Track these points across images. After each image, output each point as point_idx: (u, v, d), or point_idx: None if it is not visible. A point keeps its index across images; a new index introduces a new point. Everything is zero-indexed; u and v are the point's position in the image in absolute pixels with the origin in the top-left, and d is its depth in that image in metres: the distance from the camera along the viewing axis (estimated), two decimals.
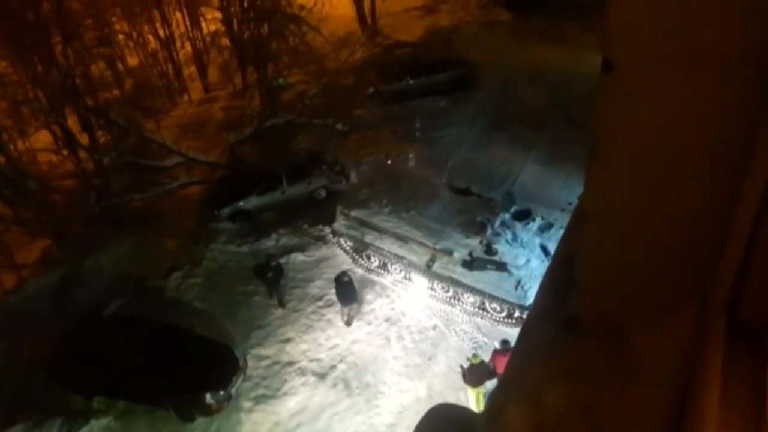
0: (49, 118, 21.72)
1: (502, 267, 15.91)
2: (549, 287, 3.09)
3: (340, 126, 23.54)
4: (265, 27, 23.22)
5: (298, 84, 26.29)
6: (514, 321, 15.84)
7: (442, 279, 16.66)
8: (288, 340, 16.62)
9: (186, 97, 30.12)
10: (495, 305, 16.10)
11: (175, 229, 20.60)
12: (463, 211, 17.23)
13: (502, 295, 15.79)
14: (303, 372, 15.83)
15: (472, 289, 16.23)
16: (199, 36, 29.68)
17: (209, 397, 14.45)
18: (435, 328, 16.55)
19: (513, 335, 13.72)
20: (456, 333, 16.35)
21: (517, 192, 17.95)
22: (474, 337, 16.16)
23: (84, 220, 20.72)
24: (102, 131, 23.25)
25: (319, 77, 25.07)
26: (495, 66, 25.86)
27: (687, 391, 1.97)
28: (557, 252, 3.45)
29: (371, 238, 17.64)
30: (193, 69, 30.94)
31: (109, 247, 19.63)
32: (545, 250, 15.92)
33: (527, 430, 2.54)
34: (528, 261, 15.93)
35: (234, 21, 25.09)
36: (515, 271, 15.79)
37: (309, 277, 18.34)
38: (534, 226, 16.68)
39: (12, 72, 21.53)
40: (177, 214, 21.29)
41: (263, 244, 19.53)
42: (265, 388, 15.51)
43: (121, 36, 28.23)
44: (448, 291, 16.80)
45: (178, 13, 29.13)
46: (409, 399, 14.96)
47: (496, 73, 25.55)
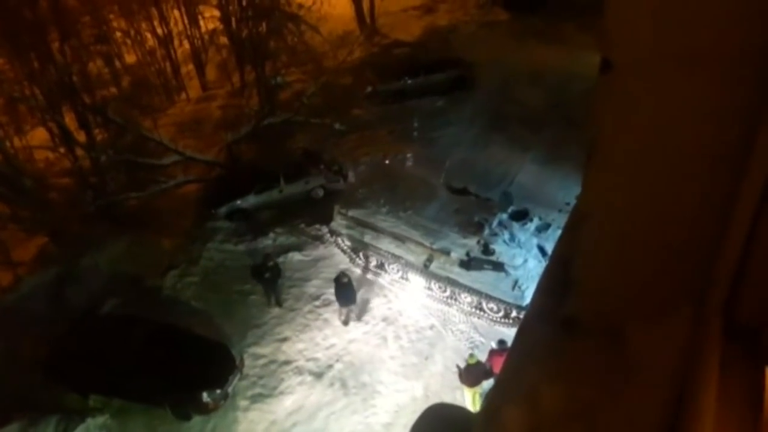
0: (46, 115, 21.73)
1: (499, 267, 15.89)
2: (546, 287, 3.09)
3: (338, 125, 23.56)
4: (264, 25, 23.22)
5: (296, 83, 26.27)
6: (511, 321, 15.84)
7: (439, 279, 16.65)
8: (285, 339, 16.60)
9: (183, 96, 30.13)
10: (492, 305, 16.09)
11: (172, 228, 20.57)
12: (461, 211, 17.20)
13: (499, 295, 15.78)
14: (300, 371, 15.80)
15: (469, 289, 16.21)
16: (197, 34, 29.68)
17: (206, 396, 14.42)
18: (432, 327, 16.54)
19: (510, 335, 13.71)
20: (453, 333, 16.34)
21: (515, 192, 17.92)
22: (471, 337, 16.15)
23: (81, 218, 20.66)
24: (99, 129, 23.19)
25: (317, 76, 25.07)
26: (493, 66, 25.88)
27: (684, 391, 1.97)
28: (554, 252, 3.45)
29: (369, 237, 17.62)
30: (191, 67, 30.96)
31: (106, 246, 19.59)
32: (542, 250, 15.90)
33: (524, 430, 2.54)
34: (525, 261, 15.91)
35: (232, 19, 25.13)
36: (512, 271, 15.76)
37: (306, 277, 18.32)
38: (531, 226, 16.65)
39: (9, 69, 21.53)
40: (174, 212, 21.26)
41: (260, 243, 19.50)
42: (262, 387, 15.49)
43: (119, 33, 28.23)
44: (445, 291, 16.79)
45: (176, 11, 29.13)
46: (406, 398, 14.93)
47: (494, 73, 25.57)
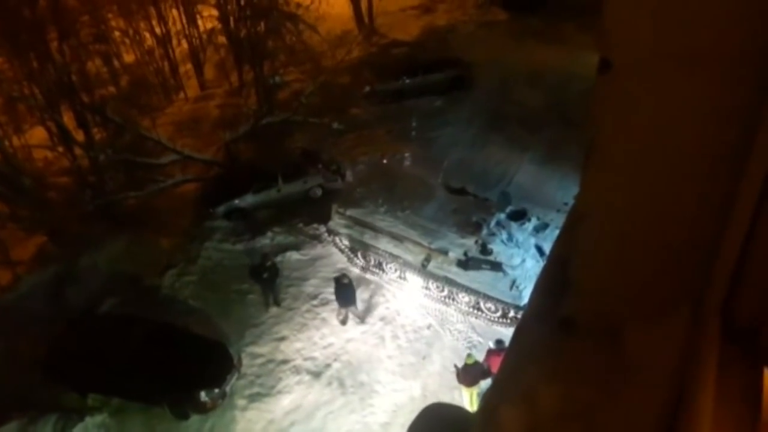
0: (45, 114, 21.75)
1: (497, 267, 15.88)
2: (544, 288, 3.09)
3: (336, 125, 23.56)
4: (262, 25, 23.22)
5: (294, 82, 26.27)
6: (508, 321, 15.83)
7: (437, 278, 16.64)
8: (283, 338, 16.59)
9: (182, 95, 30.10)
10: (490, 305, 16.08)
11: (171, 227, 20.55)
12: (459, 211, 17.18)
13: (497, 295, 15.77)
14: (297, 370, 15.79)
15: (467, 289, 16.21)
16: (196, 33, 29.67)
17: (204, 395, 14.42)
18: (430, 327, 16.53)
19: (508, 335, 13.70)
20: (451, 332, 16.33)
21: (513, 192, 17.90)
22: (468, 337, 16.14)
23: (79, 217, 20.64)
24: (98, 128, 23.19)
25: (316, 76, 25.04)
26: (492, 66, 25.87)
27: (682, 392, 1.96)
28: (552, 252, 3.45)
29: (367, 237, 17.61)
30: (190, 66, 30.94)
31: (105, 245, 19.56)
32: (540, 250, 15.89)
33: (521, 430, 2.54)
34: (523, 261, 15.91)
35: (231, 19, 25.11)
36: (510, 271, 15.76)
37: (304, 276, 18.30)
38: (529, 226, 16.64)
39: (8, 68, 21.51)
40: (172, 211, 21.24)
41: (258, 242, 19.48)
42: (260, 386, 15.48)
43: (118, 33, 28.23)
44: (443, 290, 16.79)
45: (174, 11, 29.09)
46: (404, 398, 14.93)
47: (492, 73, 25.56)
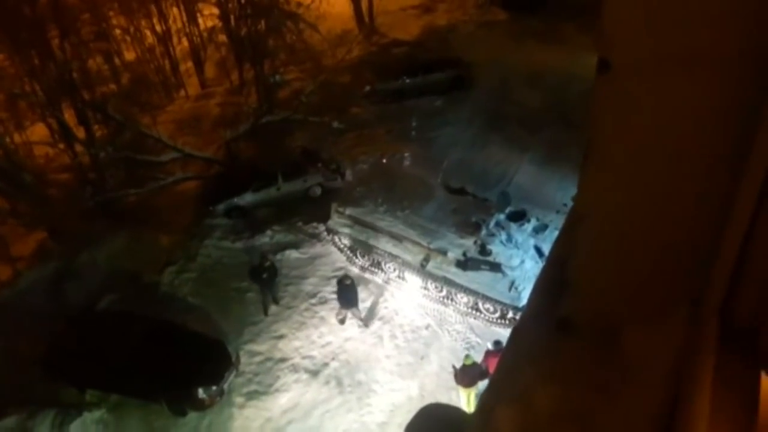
0: (46, 111, 21.73)
1: (496, 267, 15.88)
2: (542, 288, 3.09)
3: (336, 124, 23.58)
4: (263, 24, 23.21)
5: (294, 81, 26.25)
6: (507, 322, 15.82)
7: (435, 278, 16.64)
8: (281, 336, 16.59)
9: (182, 93, 30.11)
10: (488, 306, 16.08)
11: (170, 225, 20.57)
12: (458, 211, 17.18)
13: (495, 296, 15.77)
14: (295, 369, 15.80)
15: (465, 289, 16.21)
16: (196, 32, 29.66)
17: (201, 392, 14.43)
18: (428, 327, 16.53)
19: (506, 336, 13.63)
20: (449, 333, 16.33)
21: (513, 193, 17.90)
22: (467, 337, 16.14)
23: (79, 214, 20.64)
24: (98, 125, 23.19)
25: (316, 75, 25.06)
26: (492, 66, 25.88)
27: (679, 393, 1.96)
28: (551, 253, 3.45)
29: (366, 236, 17.61)
30: (190, 65, 30.93)
31: (104, 242, 19.60)
32: (539, 251, 15.89)
33: (517, 430, 2.54)
34: (522, 262, 15.91)
35: (231, 17, 25.08)
36: (509, 272, 15.76)
37: (303, 275, 18.30)
38: (529, 227, 16.65)
39: (9, 65, 21.49)
40: (172, 209, 21.26)
41: (258, 240, 19.49)
42: (258, 384, 15.49)
43: (118, 31, 28.21)
44: (441, 291, 16.78)
45: (175, 9, 29.06)
46: (401, 398, 14.94)
47: (492, 74, 25.57)
